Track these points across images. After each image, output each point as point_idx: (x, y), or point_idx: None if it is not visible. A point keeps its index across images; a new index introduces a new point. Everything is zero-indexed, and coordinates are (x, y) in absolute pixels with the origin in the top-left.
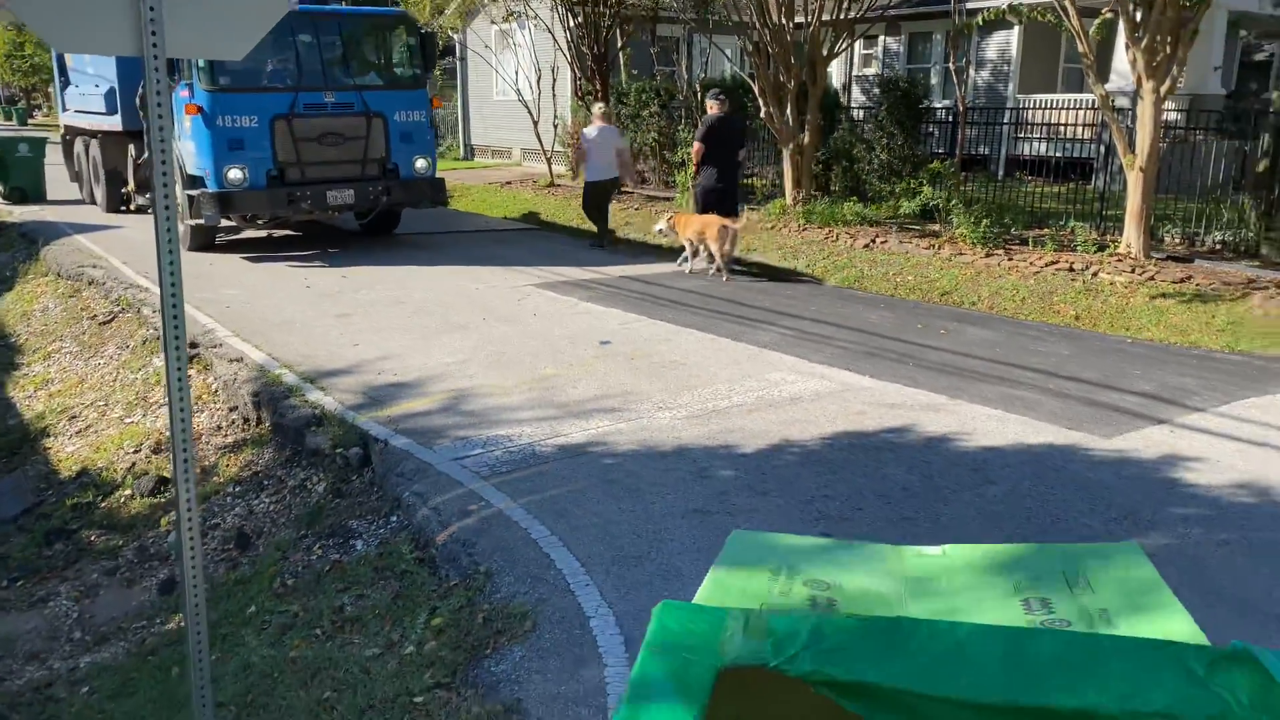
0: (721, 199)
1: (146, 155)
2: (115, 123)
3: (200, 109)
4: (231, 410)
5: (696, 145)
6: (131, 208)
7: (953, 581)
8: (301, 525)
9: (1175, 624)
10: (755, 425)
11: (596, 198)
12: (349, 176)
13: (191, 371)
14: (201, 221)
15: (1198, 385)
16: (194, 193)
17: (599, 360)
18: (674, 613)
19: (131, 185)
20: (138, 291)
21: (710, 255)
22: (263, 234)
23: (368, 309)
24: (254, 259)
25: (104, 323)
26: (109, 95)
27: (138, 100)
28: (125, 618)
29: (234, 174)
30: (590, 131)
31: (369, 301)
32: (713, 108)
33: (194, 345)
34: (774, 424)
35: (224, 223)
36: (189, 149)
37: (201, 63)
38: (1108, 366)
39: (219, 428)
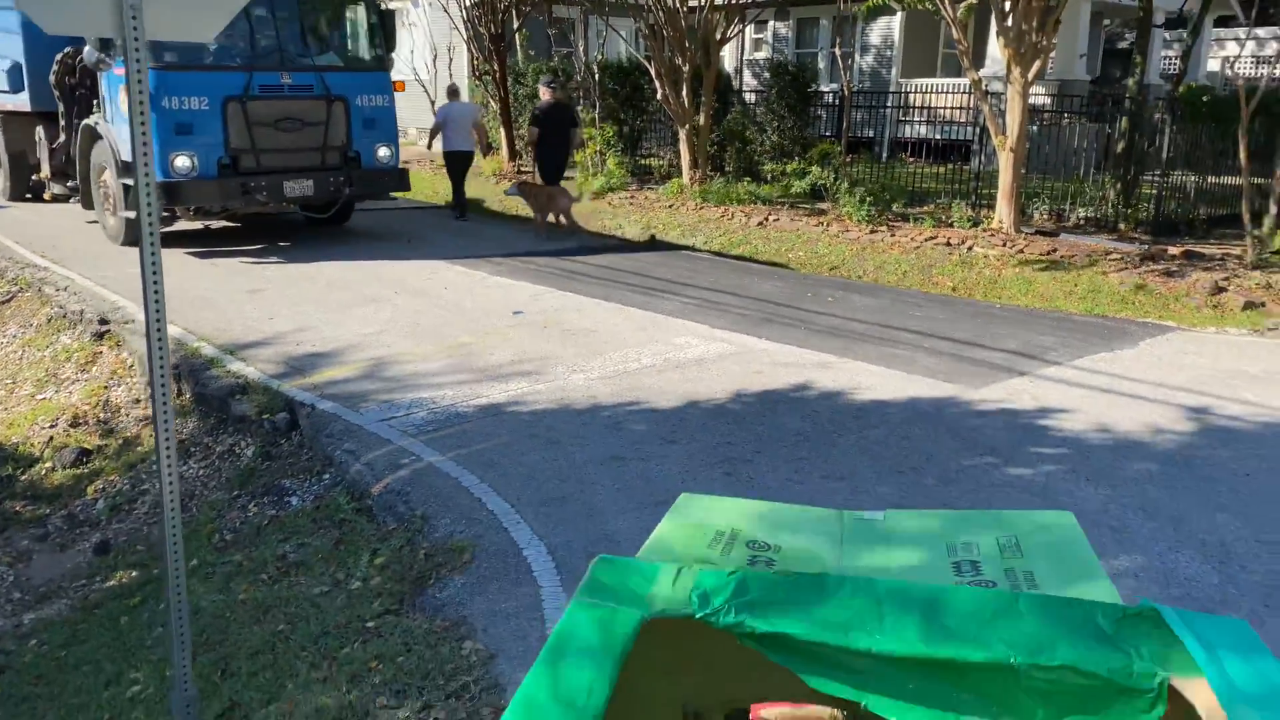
0: (557, 172)
1: (63, 139)
2: (22, 102)
3: None
4: (150, 383)
5: (531, 129)
6: (47, 196)
7: (890, 545)
8: (234, 486)
9: (1095, 587)
10: (663, 384)
11: (451, 166)
12: (308, 165)
13: (103, 348)
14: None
15: (1056, 343)
16: (132, 182)
17: (513, 329)
18: (608, 566)
19: (46, 172)
20: (36, 271)
21: (553, 217)
22: (198, 225)
23: (279, 285)
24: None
25: (3, 303)
26: (13, 72)
27: (52, 78)
28: (62, 578)
29: (181, 162)
30: (444, 108)
31: (280, 277)
32: (544, 94)
33: (104, 322)
34: (680, 382)
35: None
36: (127, 133)
37: None
38: (978, 328)
39: (137, 401)
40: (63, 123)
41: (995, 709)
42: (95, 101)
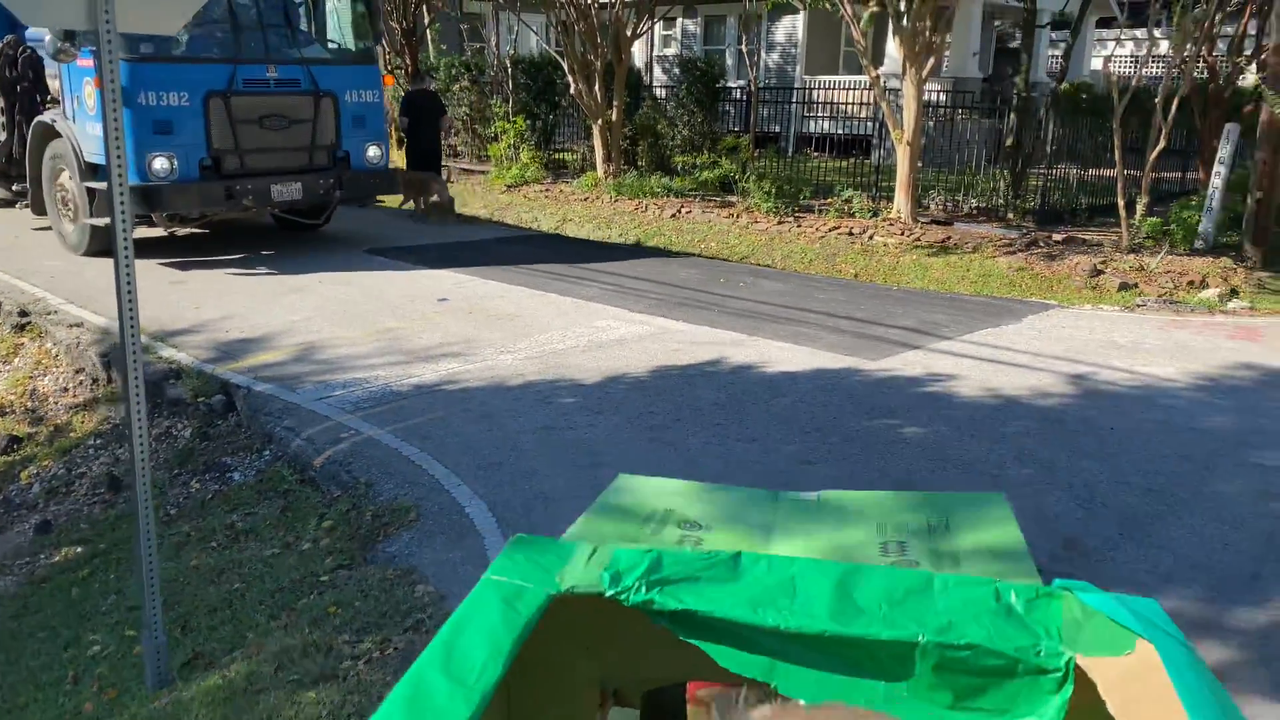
0: (427, 159)
1: (3, 137)
2: None
3: None
4: (78, 372)
5: (402, 119)
6: None
7: (820, 525)
8: (173, 466)
9: (1018, 568)
10: (588, 362)
11: None
12: (295, 167)
13: (24, 340)
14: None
15: (948, 320)
16: (100, 186)
17: (439, 315)
18: (523, 545)
19: None
20: None
21: (425, 203)
22: (158, 232)
23: (201, 276)
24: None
25: None
26: None
27: None
28: (4, 557)
29: (159, 164)
30: None
31: (202, 269)
32: (413, 87)
33: (24, 314)
34: (604, 360)
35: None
36: (93, 132)
37: None
38: (877, 309)
39: (65, 389)
40: (2, 119)
41: (902, 687)
42: (40, 96)
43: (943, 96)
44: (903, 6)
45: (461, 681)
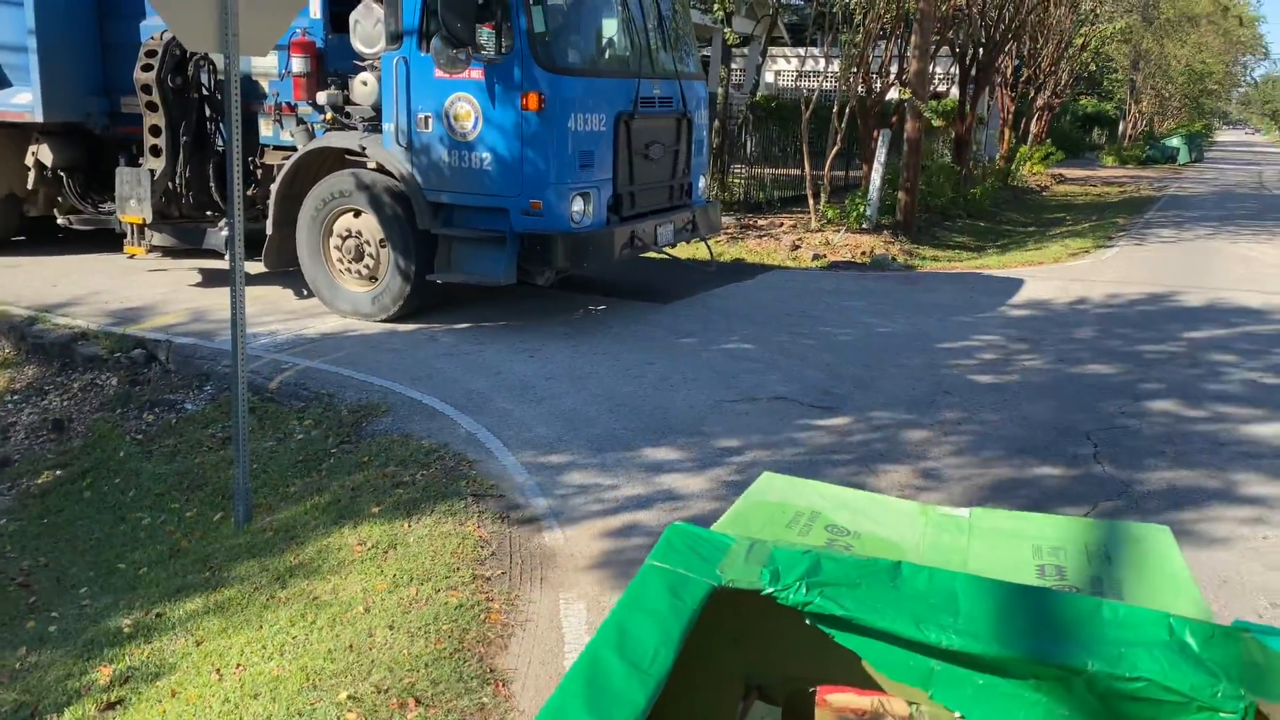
0: None
1: (164, 165)
2: (16, 108)
3: (543, 101)
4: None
5: None
6: (136, 251)
7: (973, 542)
8: (114, 406)
9: (1185, 602)
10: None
11: None
12: (664, 204)
13: None
14: (493, 278)
15: (703, 281)
16: (494, 232)
17: (291, 288)
18: (681, 534)
19: (141, 215)
20: None
21: None
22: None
23: (33, 262)
24: None
25: None
26: None
27: (146, 75)
28: None
29: (578, 205)
30: None
31: (28, 255)
32: None
33: None
34: (470, 308)
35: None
36: (457, 161)
37: (540, 22)
38: (646, 276)
39: None
40: (153, 141)
41: (1063, 711)
42: (207, 113)
43: None
44: None
45: (636, 666)
